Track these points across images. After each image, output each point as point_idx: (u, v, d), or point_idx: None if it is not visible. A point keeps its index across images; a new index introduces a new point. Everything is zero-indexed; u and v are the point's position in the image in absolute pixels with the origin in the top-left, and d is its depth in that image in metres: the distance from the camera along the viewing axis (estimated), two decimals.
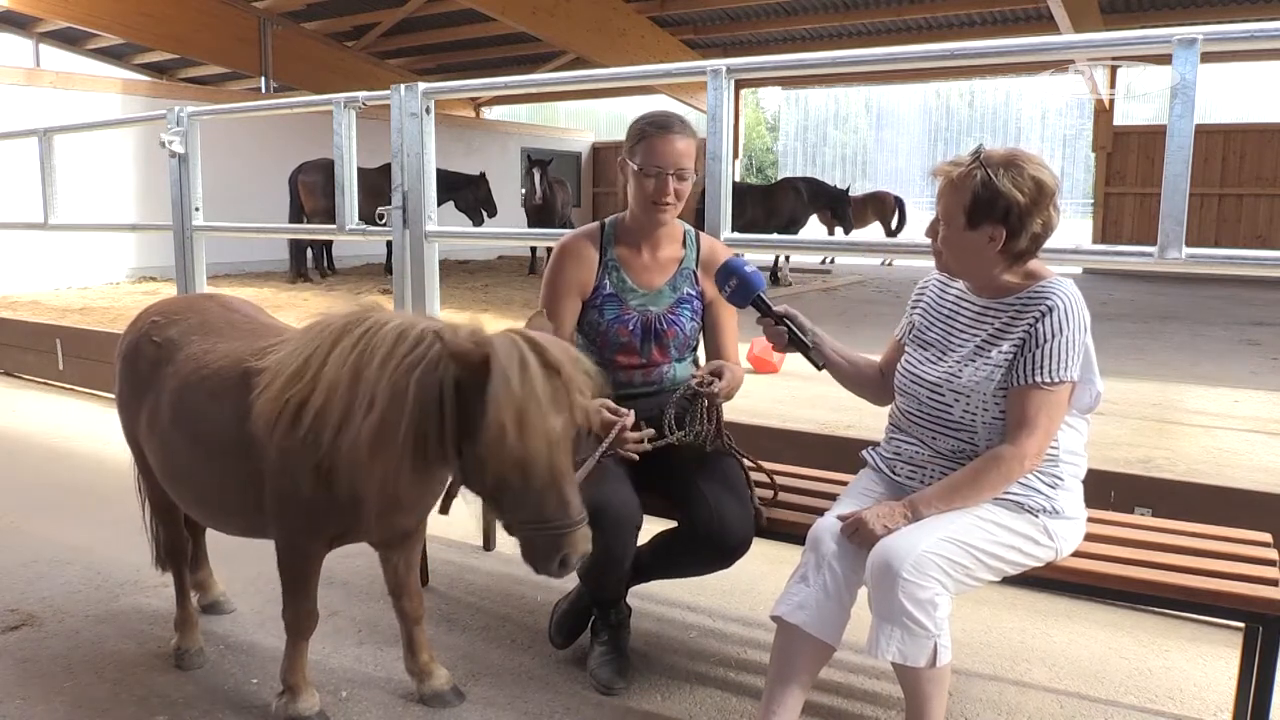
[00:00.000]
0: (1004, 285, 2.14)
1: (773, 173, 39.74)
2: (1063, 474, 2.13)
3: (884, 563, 1.96)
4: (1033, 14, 13.78)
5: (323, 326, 2.05)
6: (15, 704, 2.45)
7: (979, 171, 2.03)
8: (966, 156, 2.09)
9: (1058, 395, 2.04)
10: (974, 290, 2.21)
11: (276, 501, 2.15)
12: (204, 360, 2.34)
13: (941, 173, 2.12)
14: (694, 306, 2.62)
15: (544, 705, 2.46)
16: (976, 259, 2.11)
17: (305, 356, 2.01)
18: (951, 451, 2.17)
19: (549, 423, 1.75)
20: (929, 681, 1.98)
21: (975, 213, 2.04)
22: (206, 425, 2.25)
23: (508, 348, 1.76)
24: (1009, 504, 2.08)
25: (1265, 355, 8.04)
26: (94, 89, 13.43)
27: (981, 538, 2.03)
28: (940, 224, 2.13)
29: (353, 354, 1.91)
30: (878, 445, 2.39)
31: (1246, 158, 15.26)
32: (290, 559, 2.25)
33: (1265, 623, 2.07)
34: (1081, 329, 2.05)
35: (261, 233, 8.27)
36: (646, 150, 2.48)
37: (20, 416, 5.75)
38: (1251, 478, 4.15)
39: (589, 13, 14.61)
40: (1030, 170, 2.03)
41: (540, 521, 1.80)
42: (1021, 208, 2.02)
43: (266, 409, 2.02)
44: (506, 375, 1.72)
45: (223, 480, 2.26)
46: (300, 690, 2.31)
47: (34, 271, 12.19)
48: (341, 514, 2.12)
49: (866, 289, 13.52)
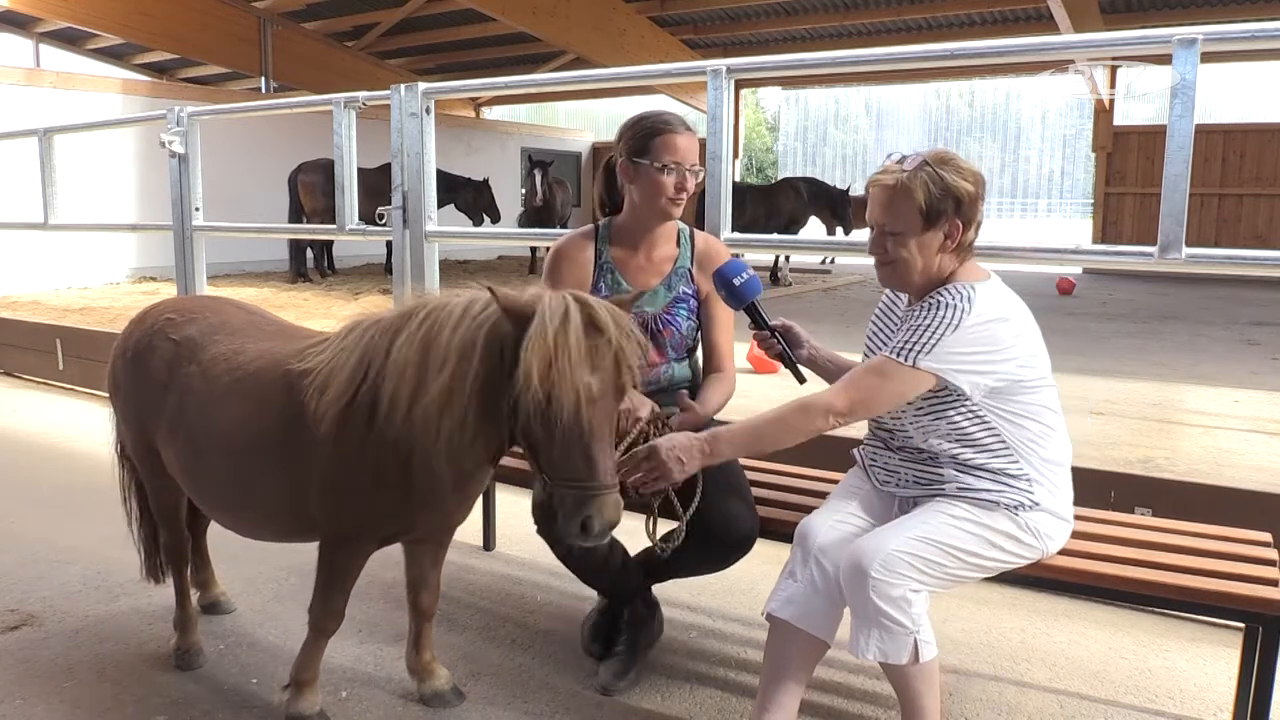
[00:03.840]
0: (931, 285, 2.12)
1: (773, 173, 39.71)
2: (1026, 468, 2.09)
3: (854, 563, 1.97)
4: (1033, 14, 13.78)
5: (370, 324, 2.08)
6: (15, 704, 2.45)
7: (923, 171, 2.04)
8: (895, 165, 2.09)
9: (894, 372, 2.00)
10: (910, 297, 2.21)
11: (335, 501, 2.14)
12: (236, 361, 2.32)
13: (878, 184, 2.10)
14: (690, 305, 2.62)
15: (544, 705, 2.46)
16: (930, 261, 2.09)
17: (361, 355, 2.03)
18: (906, 451, 2.18)
19: (580, 376, 1.76)
20: (916, 678, 1.99)
21: (931, 211, 2.04)
22: (243, 427, 2.23)
23: (556, 301, 1.81)
24: (983, 501, 2.08)
25: (1265, 355, 8.04)
26: (94, 89, 13.42)
27: (955, 535, 2.02)
28: (888, 237, 2.09)
29: (420, 331, 1.95)
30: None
31: (1246, 158, 15.26)
32: (337, 556, 2.23)
33: (1265, 623, 2.07)
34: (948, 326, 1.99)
35: (261, 233, 8.28)
36: (664, 146, 2.47)
37: (20, 416, 5.75)
38: (1251, 478, 4.15)
39: (589, 13, 14.61)
40: (963, 164, 2.08)
41: (569, 479, 1.81)
42: (970, 196, 2.05)
43: (330, 411, 2.03)
44: (544, 323, 1.76)
45: (260, 482, 2.24)
46: (307, 688, 2.31)
47: (34, 271, 12.18)
48: (404, 510, 2.13)
49: (866, 289, 13.51)
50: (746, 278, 2.29)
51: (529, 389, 1.75)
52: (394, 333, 2.01)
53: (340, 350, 2.09)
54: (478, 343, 1.88)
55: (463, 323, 1.91)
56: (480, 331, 1.89)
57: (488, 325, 1.89)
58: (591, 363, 1.79)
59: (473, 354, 1.87)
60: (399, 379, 1.95)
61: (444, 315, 1.95)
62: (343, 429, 2.04)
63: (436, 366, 1.90)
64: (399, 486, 2.07)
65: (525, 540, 3.48)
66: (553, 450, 1.81)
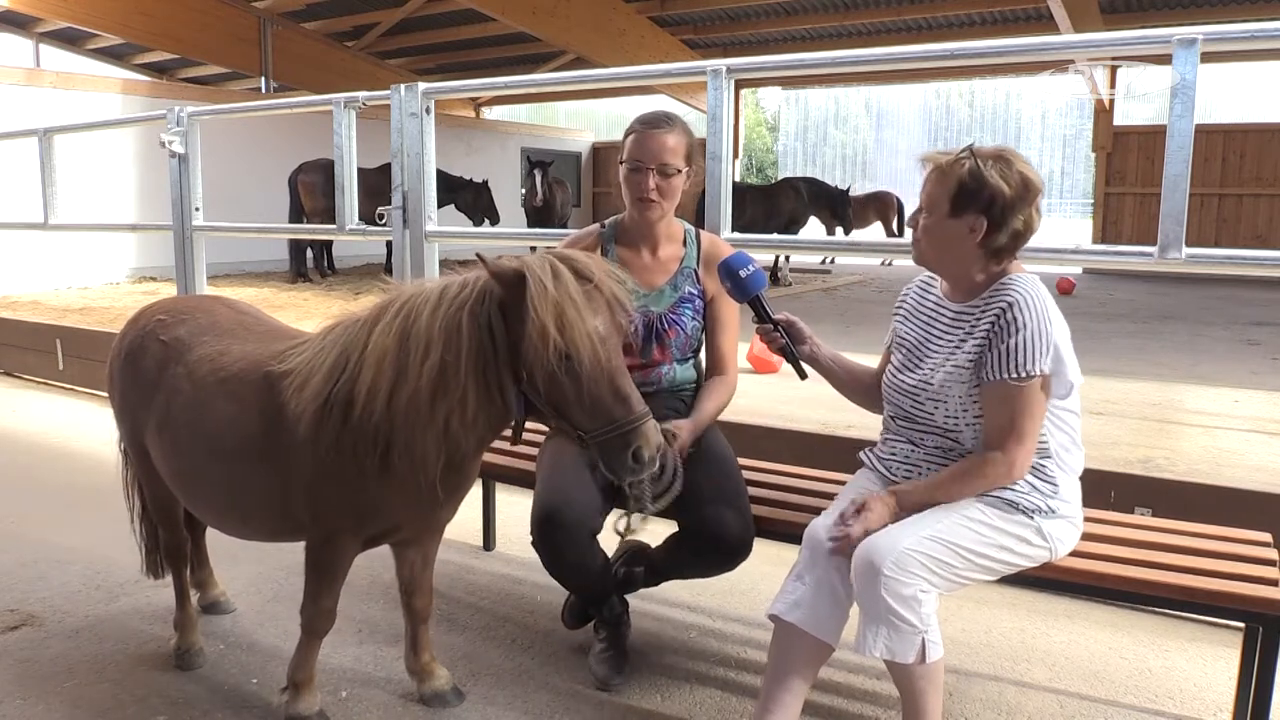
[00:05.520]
0: (975, 286, 2.13)
1: (773, 173, 39.72)
2: (1055, 473, 2.12)
3: (866, 561, 1.97)
4: (1033, 14, 13.79)
5: (350, 322, 2.10)
6: (15, 704, 2.45)
7: (968, 161, 2.04)
8: (958, 150, 2.09)
9: (1029, 390, 2.01)
10: (949, 293, 2.20)
11: (317, 501, 2.14)
12: (220, 362, 2.33)
13: (931, 159, 2.12)
14: (695, 305, 2.62)
15: (544, 705, 2.46)
16: (955, 250, 2.10)
17: (340, 351, 2.05)
18: (941, 450, 2.17)
19: (589, 322, 1.83)
20: (921, 678, 1.98)
21: (960, 201, 2.04)
22: (227, 428, 2.24)
23: (540, 261, 1.88)
24: (1001, 504, 2.08)
25: (1265, 355, 8.04)
26: (94, 89, 13.42)
27: (968, 537, 2.02)
28: (922, 212, 2.14)
29: (396, 321, 1.97)
30: (874, 446, 2.39)
31: (1246, 158, 15.27)
32: (323, 557, 2.24)
33: (1265, 623, 2.07)
34: (1045, 320, 2.02)
35: (261, 233, 8.28)
36: (631, 146, 2.51)
37: (20, 416, 5.75)
38: (1251, 478, 4.15)
39: (589, 13, 14.61)
40: (1018, 166, 2.05)
41: (605, 424, 1.85)
42: (1006, 200, 2.02)
43: (309, 408, 2.04)
44: (541, 280, 1.82)
45: (244, 483, 2.24)
46: (304, 689, 2.31)
47: (34, 271, 12.18)
48: (388, 507, 2.13)
49: (866, 289, 13.52)
50: (752, 270, 2.30)
51: (548, 345, 1.80)
52: (371, 325, 2.03)
53: (320, 350, 2.10)
54: (462, 323, 1.91)
55: (441, 306, 1.94)
56: (463, 313, 1.91)
57: (469, 305, 1.92)
58: (592, 307, 1.85)
59: (459, 335, 1.90)
60: (376, 369, 1.96)
61: (420, 302, 1.97)
62: (322, 425, 2.05)
63: (419, 352, 1.92)
64: (381, 481, 2.07)
65: (525, 540, 3.46)
66: (583, 402, 1.85)
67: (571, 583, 2.53)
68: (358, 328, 2.06)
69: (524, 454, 3.01)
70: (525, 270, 1.85)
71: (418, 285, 2.06)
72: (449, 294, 1.96)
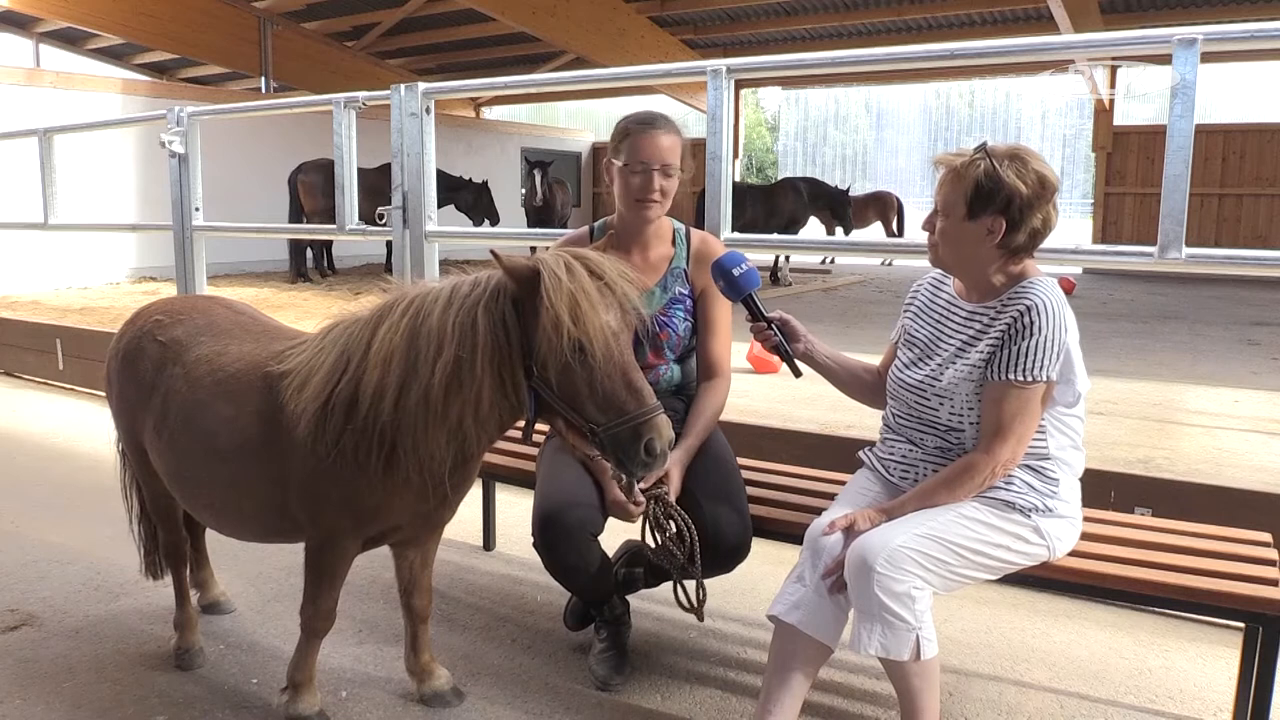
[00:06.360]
0: (992, 287, 2.12)
1: (773, 173, 39.69)
2: (1055, 473, 2.12)
3: (859, 558, 1.97)
4: (1033, 14, 13.79)
5: (350, 322, 2.10)
6: (15, 704, 2.45)
7: (983, 161, 2.03)
8: (970, 149, 2.08)
9: (1030, 395, 2.01)
10: (964, 293, 2.20)
11: (316, 501, 2.14)
12: (217, 363, 2.32)
13: (944, 161, 2.10)
14: (686, 306, 2.61)
15: (544, 705, 2.46)
16: (973, 252, 2.09)
17: (340, 351, 2.05)
18: (941, 451, 2.17)
19: (601, 316, 1.86)
20: (916, 676, 1.98)
21: (977, 202, 2.03)
22: (224, 429, 2.23)
23: (554, 258, 1.91)
24: (997, 503, 2.08)
25: (1265, 355, 8.04)
26: (94, 89, 13.43)
27: (963, 535, 2.02)
28: (939, 216, 2.12)
29: (405, 320, 1.98)
30: (874, 446, 2.39)
31: (1246, 158, 15.28)
32: (322, 558, 2.23)
33: (1265, 623, 2.07)
34: (1061, 328, 2.02)
35: (261, 233, 8.27)
36: (631, 147, 2.49)
37: (20, 416, 5.75)
38: (1251, 478, 4.15)
39: (589, 12, 14.61)
40: (1034, 164, 2.03)
41: (617, 417, 1.85)
42: (1023, 199, 2.01)
43: (309, 408, 2.04)
44: (556, 273, 1.86)
45: (242, 484, 2.24)
46: (304, 689, 2.31)
47: (34, 271, 12.19)
48: (387, 507, 2.13)
49: (866, 289, 13.52)
50: (745, 269, 2.29)
51: (562, 337, 1.81)
52: (375, 325, 2.02)
53: (319, 350, 2.10)
54: (477, 319, 1.91)
55: (453, 304, 1.94)
56: (477, 309, 1.92)
57: (483, 301, 1.92)
58: (605, 303, 1.88)
59: (474, 331, 1.91)
60: (383, 368, 1.96)
61: (429, 301, 1.98)
62: (322, 425, 2.04)
63: (431, 349, 1.92)
64: (382, 481, 2.07)
65: (525, 540, 3.47)
66: (596, 395, 1.87)
67: (572, 584, 2.53)
68: (359, 327, 2.06)
69: (524, 454, 3.01)
70: (540, 265, 1.87)
71: (423, 285, 2.06)
72: (460, 292, 1.96)
